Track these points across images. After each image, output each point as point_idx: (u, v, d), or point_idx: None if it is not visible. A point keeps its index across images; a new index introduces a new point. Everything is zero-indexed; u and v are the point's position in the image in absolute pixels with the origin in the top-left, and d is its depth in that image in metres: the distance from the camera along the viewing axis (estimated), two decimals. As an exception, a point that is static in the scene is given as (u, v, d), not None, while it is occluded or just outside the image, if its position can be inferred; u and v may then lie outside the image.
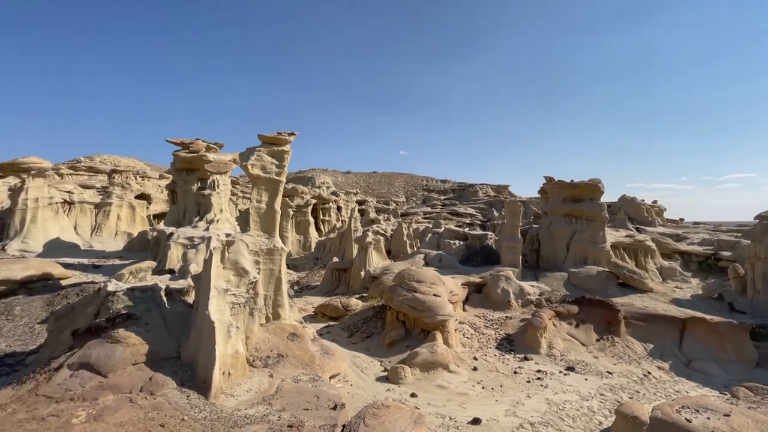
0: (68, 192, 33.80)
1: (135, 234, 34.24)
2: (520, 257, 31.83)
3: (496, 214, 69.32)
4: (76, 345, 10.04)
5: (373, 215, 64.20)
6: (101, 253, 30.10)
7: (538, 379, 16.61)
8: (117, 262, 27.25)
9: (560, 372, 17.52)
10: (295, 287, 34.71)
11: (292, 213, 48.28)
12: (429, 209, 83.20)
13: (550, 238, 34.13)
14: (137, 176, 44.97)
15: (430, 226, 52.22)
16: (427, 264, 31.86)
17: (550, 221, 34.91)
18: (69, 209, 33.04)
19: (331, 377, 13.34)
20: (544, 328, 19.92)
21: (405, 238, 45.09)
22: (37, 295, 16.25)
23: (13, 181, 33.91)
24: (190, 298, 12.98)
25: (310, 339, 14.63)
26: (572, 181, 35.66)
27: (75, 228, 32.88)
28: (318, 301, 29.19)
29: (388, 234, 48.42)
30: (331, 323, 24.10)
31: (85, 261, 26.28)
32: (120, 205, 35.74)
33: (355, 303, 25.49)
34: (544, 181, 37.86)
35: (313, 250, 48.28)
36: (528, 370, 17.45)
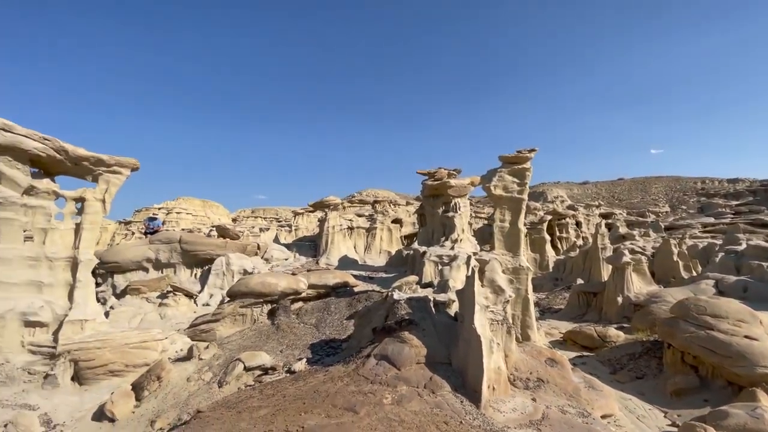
0: (349, 220, 44.47)
1: (392, 252, 41.37)
2: None
3: None
4: (376, 340, 12.85)
5: (623, 230, 54.04)
6: (371, 267, 37.87)
7: None
8: (383, 275, 33.60)
9: None
10: (536, 309, 33.03)
11: (525, 230, 46.77)
12: (712, 220, 62.82)
13: None
14: (391, 204, 54.50)
15: (718, 242, 39.29)
16: (721, 293, 23.90)
17: None
18: (350, 233, 43.38)
19: (602, 417, 11.79)
20: None
21: (676, 257, 35.55)
22: (342, 297, 21.93)
23: (320, 213, 47.68)
24: (451, 311, 14.44)
25: (570, 368, 13.49)
26: None
27: (354, 247, 42.78)
28: (564, 326, 26.77)
29: (647, 252, 39.52)
30: (585, 353, 21.47)
31: (363, 273, 33.71)
32: (382, 228, 44.12)
33: (615, 334, 21.81)
34: None
35: (551, 270, 44.94)
36: None
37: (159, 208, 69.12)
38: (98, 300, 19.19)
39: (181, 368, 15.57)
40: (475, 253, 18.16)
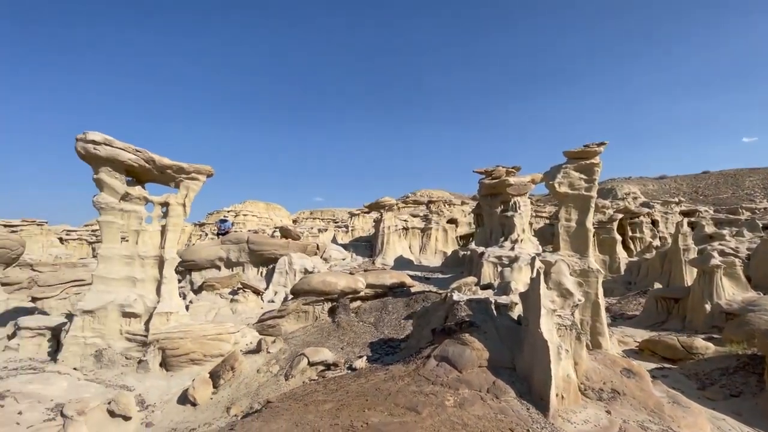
0: (404, 220, 44.62)
1: (448, 252, 40.81)
2: None
3: None
4: (435, 341, 12.77)
5: (710, 229, 48.25)
6: (427, 267, 37.66)
7: None
8: (439, 275, 33.27)
9: None
10: (607, 315, 30.64)
11: (593, 230, 43.63)
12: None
13: None
14: (446, 204, 53.77)
15: (835, 243, 33.51)
16: (841, 303, 20.39)
17: None
18: (406, 233, 43.50)
19: (690, 436, 10.62)
20: None
21: (779, 260, 31.01)
22: (399, 297, 22.07)
23: (375, 214, 48.42)
24: (514, 314, 13.91)
25: (650, 380, 12.35)
26: None
27: (409, 247, 42.84)
28: (639, 334, 24.53)
29: (741, 254, 34.87)
30: (666, 365, 19.48)
31: (419, 273, 33.65)
32: (437, 229, 43.70)
33: (703, 345, 19.52)
34: None
35: (622, 273, 41.45)
36: None
37: (228, 211, 74.69)
38: (180, 295, 21.18)
39: (252, 360, 16.68)
40: (538, 254, 17.34)
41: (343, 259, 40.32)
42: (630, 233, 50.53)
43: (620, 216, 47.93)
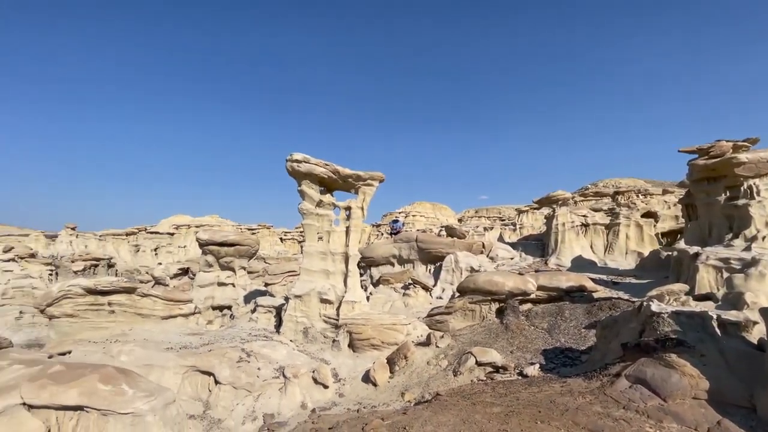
0: (583, 216, 39.18)
1: (644, 253, 33.66)
2: None
3: None
4: (627, 357, 10.75)
5: None
6: (615, 270, 31.99)
7: None
8: (632, 280, 27.78)
9: None
10: None
11: None
12: None
13: None
14: (639, 194, 44.58)
15: None
16: None
17: None
18: (585, 231, 38.12)
19: None
20: None
21: None
22: (578, 303, 19.53)
23: (547, 210, 44.25)
24: (750, 335, 10.42)
25: None
26: None
27: (591, 246, 37.33)
28: None
29: None
30: None
31: (603, 277, 28.92)
32: (627, 224, 36.68)
33: None
34: None
35: None
36: None
37: (399, 212, 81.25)
38: (362, 287, 24.27)
39: (422, 352, 17.67)
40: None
41: (511, 259, 38.29)
42: None
43: None
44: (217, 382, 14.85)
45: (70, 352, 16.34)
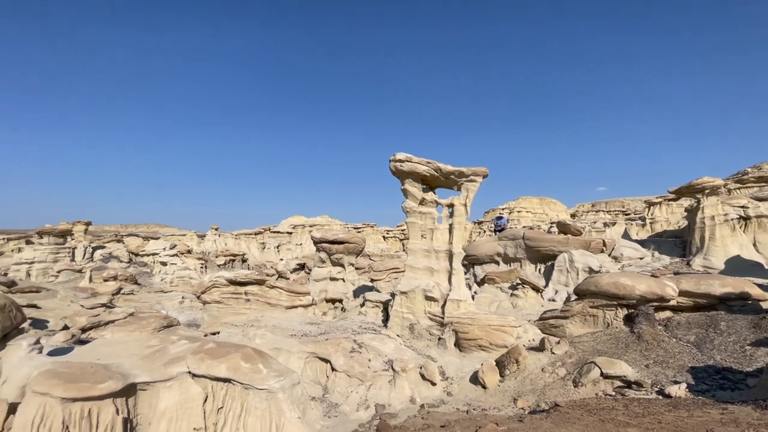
0: (741, 207, 31.95)
1: (842, 253, 25.88)
2: None
3: None
4: (821, 387, 8.38)
5: None
6: (793, 275, 25.32)
7: None
8: (822, 288, 21.61)
9: None
10: None
11: None
12: None
13: None
14: (831, 177, 34.49)
15: None
16: None
17: None
18: (745, 225, 31.03)
19: None
20: None
21: None
22: (738, 314, 15.99)
23: (687, 201, 37.25)
24: None
25: None
26: None
27: (755, 245, 30.22)
28: None
29: None
30: None
31: (775, 283, 23.13)
32: (812, 216, 28.68)
33: None
34: None
35: None
36: None
37: (503, 209, 77.34)
38: (466, 286, 23.72)
39: (535, 357, 16.49)
40: None
41: (641, 259, 33.21)
42: None
43: None
44: (333, 369, 16.09)
45: (218, 333, 19.50)
